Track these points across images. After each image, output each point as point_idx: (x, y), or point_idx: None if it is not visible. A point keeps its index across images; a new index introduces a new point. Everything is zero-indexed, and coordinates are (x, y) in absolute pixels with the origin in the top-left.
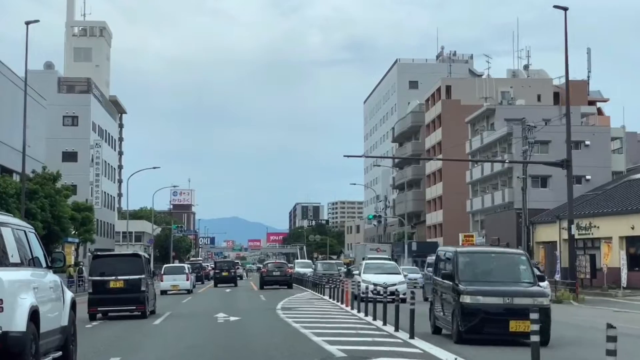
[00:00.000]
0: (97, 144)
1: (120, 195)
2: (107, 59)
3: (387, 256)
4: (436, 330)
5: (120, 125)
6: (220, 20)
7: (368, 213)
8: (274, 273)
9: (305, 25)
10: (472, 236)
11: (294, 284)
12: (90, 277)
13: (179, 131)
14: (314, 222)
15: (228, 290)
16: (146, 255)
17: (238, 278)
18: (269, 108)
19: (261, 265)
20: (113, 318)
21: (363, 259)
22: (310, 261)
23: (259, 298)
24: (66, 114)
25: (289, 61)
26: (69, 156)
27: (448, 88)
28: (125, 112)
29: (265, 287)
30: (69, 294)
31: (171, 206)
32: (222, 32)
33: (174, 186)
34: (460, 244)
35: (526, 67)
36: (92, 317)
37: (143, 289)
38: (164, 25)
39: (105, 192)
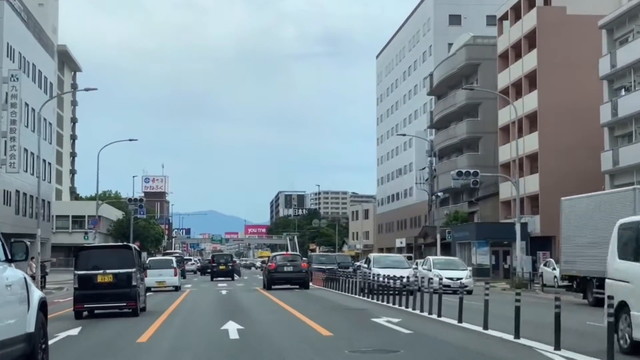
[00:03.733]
0: (13, 76)
1: (73, 172)
2: None
3: None
4: None
5: (74, 86)
6: (194, 12)
7: (383, 195)
8: (286, 268)
9: (280, 18)
10: None
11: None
12: (76, 271)
13: (153, 124)
14: (300, 211)
15: (233, 331)
16: (136, 247)
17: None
18: (245, 102)
19: (264, 259)
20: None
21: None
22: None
23: None
24: None
25: (265, 54)
26: None
27: None
28: (79, 70)
29: (273, 287)
30: (36, 294)
31: (143, 194)
32: (197, 25)
33: (132, 139)
34: None
35: None
36: (78, 315)
37: (134, 283)
38: (137, 16)
39: (29, 152)
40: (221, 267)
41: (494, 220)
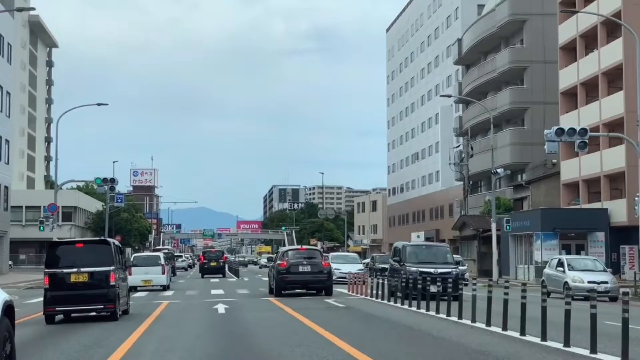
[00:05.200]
0: None
1: (48, 159)
2: None
3: None
4: None
5: (49, 63)
6: (183, 6)
7: (395, 183)
8: (302, 268)
9: (269, 13)
10: None
11: None
12: (46, 270)
13: (142, 120)
14: (295, 205)
15: None
16: (116, 242)
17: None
18: (235, 97)
19: (271, 256)
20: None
21: None
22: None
23: None
24: None
25: (255, 50)
26: None
27: None
28: (56, 46)
29: (284, 292)
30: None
31: (131, 187)
32: (186, 20)
33: (101, 104)
34: None
35: None
36: (50, 319)
37: (112, 283)
38: (126, 12)
39: None
40: (212, 264)
41: (536, 207)
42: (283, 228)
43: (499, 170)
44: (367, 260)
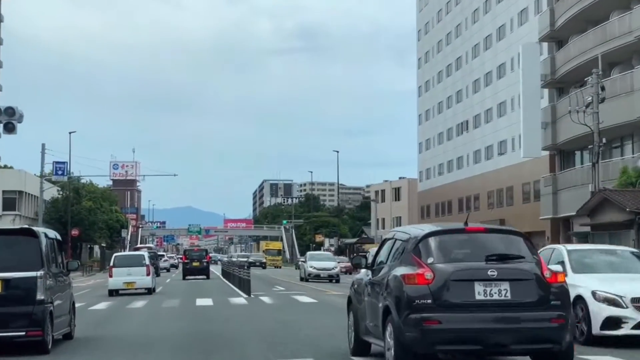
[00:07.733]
0: None
1: None
2: None
3: None
4: None
5: None
6: (169, 7)
7: (432, 163)
8: (482, 290)
9: (254, 12)
10: None
11: None
12: None
13: (127, 118)
14: (287, 200)
15: None
16: (50, 233)
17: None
18: (222, 96)
19: (350, 259)
20: None
21: None
22: None
23: None
24: None
25: (241, 49)
26: None
27: None
28: None
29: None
30: None
31: (110, 182)
32: (172, 21)
33: None
34: None
35: None
36: None
37: (40, 297)
38: (110, 10)
39: None
40: (194, 264)
41: None
42: (284, 222)
43: None
44: None
